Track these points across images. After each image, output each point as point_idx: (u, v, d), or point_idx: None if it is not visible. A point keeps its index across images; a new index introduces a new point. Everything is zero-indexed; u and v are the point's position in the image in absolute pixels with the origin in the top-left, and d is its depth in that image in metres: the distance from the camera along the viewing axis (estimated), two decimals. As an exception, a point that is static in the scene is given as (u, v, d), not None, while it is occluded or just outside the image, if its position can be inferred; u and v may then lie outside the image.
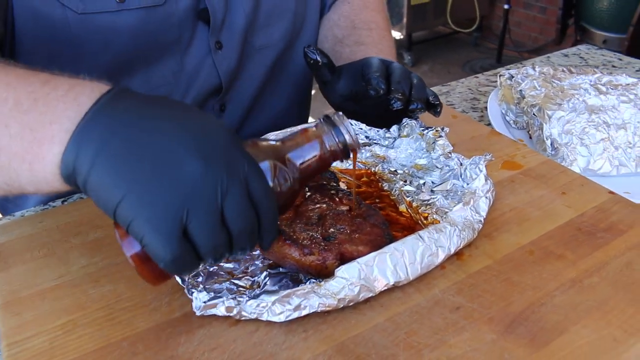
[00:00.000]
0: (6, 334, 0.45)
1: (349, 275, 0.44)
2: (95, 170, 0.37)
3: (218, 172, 0.36)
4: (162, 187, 0.36)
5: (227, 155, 0.37)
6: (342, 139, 0.43)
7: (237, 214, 0.37)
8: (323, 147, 0.43)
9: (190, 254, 0.37)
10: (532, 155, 0.67)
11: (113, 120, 0.38)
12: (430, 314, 0.45)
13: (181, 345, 0.43)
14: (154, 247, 0.36)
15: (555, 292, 0.47)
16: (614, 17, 2.22)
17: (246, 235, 0.38)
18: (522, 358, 0.41)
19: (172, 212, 0.35)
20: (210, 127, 0.38)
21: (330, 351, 0.42)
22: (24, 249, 0.54)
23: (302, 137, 0.43)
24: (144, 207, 0.35)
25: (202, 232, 0.36)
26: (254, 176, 0.38)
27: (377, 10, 0.90)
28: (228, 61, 0.75)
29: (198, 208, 0.36)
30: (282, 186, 0.41)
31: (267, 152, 0.41)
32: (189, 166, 0.36)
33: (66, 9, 0.62)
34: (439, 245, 0.48)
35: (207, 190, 0.36)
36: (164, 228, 0.35)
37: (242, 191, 0.37)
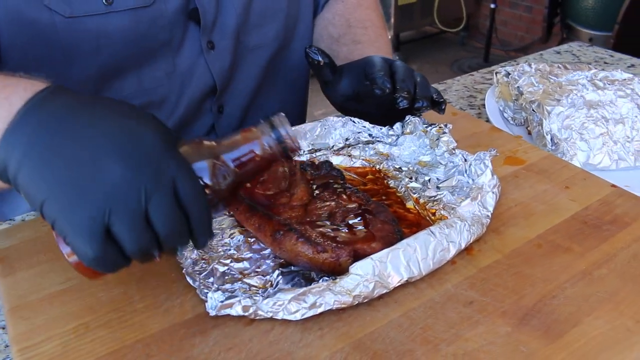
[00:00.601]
0: (16, 338, 0.44)
1: (364, 271, 0.44)
2: (21, 171, 0.38)
3: (141, 176, 0.37)
4: (83, 191, 0.37)
5: (153, 158, 0.38)
6: (281, 141, 0.44)
7: (163, 217, 0.38)
8: (262, 148, 0.43)
9: (115, 253, 0.38)
10: (533, 150, 0.68)
11: (40, 123, 0.39)
12: (444, 308, 0.46)
13: (196, 346, 0.43)
14: (77, 246, 0.38)
15: (565, 285, 0.48)
16: (600, 15, 2.25)
17: (174, 237, 0.39)
18: (537, 350, 0.42)
19: (92, 213, 0.37)
20: (139, 130, 0.39)
21: (347, 348, 0.42)
22: (29, 253, 0.53)
23: (241, 137, 0.44)
24: (65, 209, 0.37)
25: (125, 234, 0.37)
26: (182, 178, 0.38)
27: (372, 8, 0.90)
28: (221, 61, 0.75)
29: (120, 211, 0.37)
30: (220, 184, 0.42)
31: (206, 152, 0.42)
32: (111, 170, 0.37)
33: (53, 13, 0.61)
34: (450, 240, 0.49)
35: (129, 193, 0.37)
36: (85, 229, 0.37)
37: (167, 194, 0.38)
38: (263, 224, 0.49)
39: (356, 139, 0.66)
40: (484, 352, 0.42)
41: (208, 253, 0.50)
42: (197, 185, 0.40)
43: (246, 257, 0.50)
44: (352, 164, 0.64)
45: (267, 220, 0.49)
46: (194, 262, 0.49)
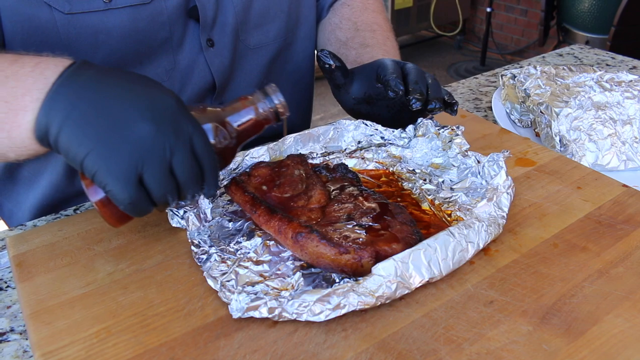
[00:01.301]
0: (39, 343, 0.44)
1: (386, 272, 0.44)
2: (63, 131, 0.44)
3: (167, 133, 0.44)
4: (120, 144, 0.43)
5: (174, 118, 0.45)
6: (273, 105, 0.52)
7: (183, 167, 0.45)
8: (257, 112, 0.52)
9: (145, 198, 0.45)
10: (543, 151, 0.68)
11: (77, 89, 0.45)
12: (465, 308, 0.46)
13: (221, 349, 0.43)
14: (115, 192, 0.44)
15: (584, 283, 0.48)
16: (596, 18, 2.27)
17: (191, 184, 0.46)
18: (560, 348, 0.42)
19: (128, 164, 0.43)
20: (160, 95, 0.46)
21: (372, 349, 0.42)
22: (47, 258, 0.53)
23: (240, 103, 0.52)
24: (106, 160, 0.43)
25: (154, 181, 0.44)
26: (197, 136, 0.46)
27: (378, 11, 0.91)
28: (220, 59, 0.76)
29: (150, 161, 0.44)
30: (222, 143, 0.50)
31: (210, 116, 0.50)
32: (143, 127, 0.44)
33: (53, 9, 0.62)
34: (468, 240, 0.49)
35: (157, 147, 0.44)
36: (122, 177, 0.43)
37: (187, 148, 0.45)
38: (283, 227, 0.49)
39: (368, 141, 0.66)
40: (507, 350, 0.42)
41: (227, 256, 0.50)
42: (209, 141, 0.47)
43: (265, 259, 0.50)
44: (366, 167, 0.64)
45: (288, 223, 0.49)
46: (213, 265, 0.49)
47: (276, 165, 0.59)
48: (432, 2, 3.44)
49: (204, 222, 0.55)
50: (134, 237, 0.56)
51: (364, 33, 0.86)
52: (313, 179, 0.57)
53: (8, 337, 0.51)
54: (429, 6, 3.44)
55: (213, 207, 0.57)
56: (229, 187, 0.57)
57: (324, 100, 3.15)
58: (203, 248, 0.51)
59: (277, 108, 0.53)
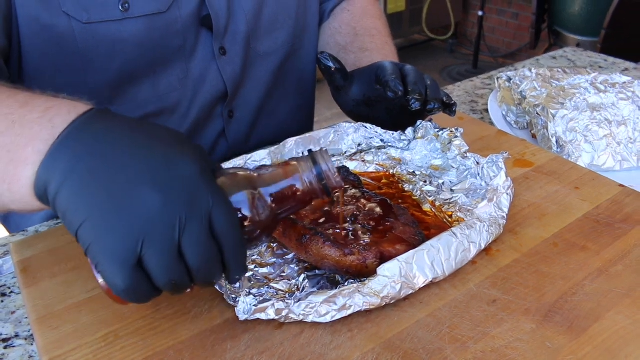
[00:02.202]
0: (46, 348, 0.44)
1: (391, 273, 0.45)
2: (61, 194, 0.37)
3: (177, 207, 0.36)
4: (119, 218, 0.36)
5: (189, 189, 0.37)
6: (322, 177, 0.42)
7: (196, 250, 0.37)
8: (303, 184, 0.42)
9: (145, 283, 0.37)
10: (540, 153, 0.70)
11: (83, 144, 0.38)
12: (469, 307, 0.47)
13: (228, 351, 0.43)
14: (108, 274, 0.37)
15: (584, 282, 0.49)
16: (587, 21, 2.30)
17: (206, 269, 0.38)
18: (563, 345, 0.43)
19: (126, 242, 0.36)
20: (178, 159, 0.38)
21: (378, 349, 0.43)
22: (51, 263, 0.53)
23: (283, 172, 0.42)
24: (100, 234, 0.36)
25: (157, 265, 0.37)
26: (218, 210, 0.38)
27: (377, 17, 0.92)
28: (232, 66, 0.76)
29: (154, 240, 0.36)
30: (260, 216, 0.41)
31: (245, 183, 0.41)
32: (147, 200, 0.36)
33: (71, 19, 0.63)
34: (470, 241, 0.50)
35: (163, 223, 0.36)
36: (117, 257, 0.36)
37: (202, 226, 0.37)
38: (288, 229, 0.50)
39: (368, 144, 0.67)
40: (512, 348, 0.43)
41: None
42: (233, 217, 0.39)
43: (270, 262, 0.51)
44: (367, 169, 0.65)
45: (292, 225, 0.50)
46: (219, 268, 0.50)
47: (278, 169, 0.60)
48: (425, 6, 3.47)
49: (207, 225, 0.55)
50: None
51: (363, 38, 0.87)
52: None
53: (13, 342, 0.51)
54: (421, 10, 3.47)
55: (216, 211, 0.57)
56: (232, 191, 0.57)
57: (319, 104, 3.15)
58: (208, 251, 0.52)
59: (327, 180, 0.42)
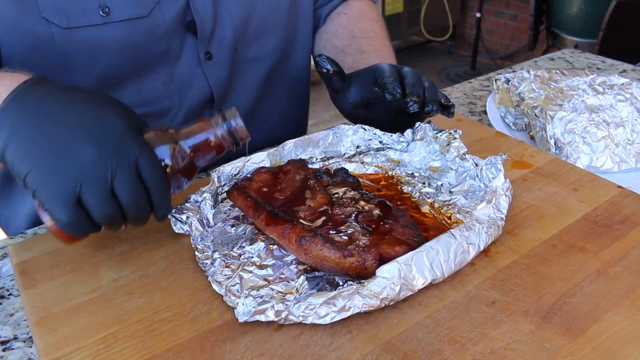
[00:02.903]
0: (46, 350, 0.44)
1: (390, 274, 0.45)
2: (8, 148, 0.45)
3: (108, 156, 0.45)
4: (59, 164, 0.44)
5: (119, 141, 0.45)
6: (231, 131, 0.52)
7: (125, 190, 0.45)
8: (215, 136, 0.51)
9: (85, 219, 0.45)
10: (539, 154, 0.70)
11: (25, 106, 0.46)
12: (468, 309, 0.47)
13: (228, 353, 0.43)
14: (52, 211, 0.45)
15: (583, 283, 0.49)
16: (584, 23, 2.31)
17: (136, 207, 0.46)
18: (562, 346, 0.43)
19: (66, 183, 0.44)
20: (109, 117, 0.46)
21: (377, 350, 0.43)
22: (50, 265, 0.53)
23: (198, 126, 0.52)
24: (44, 179, 0.44)
25: (93, 202, 0.45)
26: (143, 158, 0.46)
27: (374, 19, 0.92)
28: (218, 71, 0.76)
29: (90, 183, 0.44)
30: (179, 164, 0.50)
31: (167, 138, 0.50)
32: (84, 148, 0.44)
33: (50, 24, 0.63)
34: (469, 242, 0.50)
35: (97, 169, 0.44)
36: (59, 196, 0.44)
37: (129, 171, 0.45)
38: (287, 231, 0.50)
39: (367, 146, 0.67)
40: (511, 349, 0.43)
41: (231, 261, 0.51)
42: (156, 164, 0.47)
43: (269, 264, 0.51)
44: (365, 171, 0.65)
45: (292, 227, 0.50)
46: (218, 270, 0.50)
47: (277, 171, 0.60)
48: (422, 8, 3.48)
49: (206, 227, 0.55)
50: (137, 243, 0.56)
51: (361, 40, 0.87)
52: (314, 183, 0.58)
53: (12, 345, 0.51)
54: (419, 12, 3.48)
55: (215, 213, 0.57)
56: (231, 193, 0.57)
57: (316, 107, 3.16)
58: (207, 253, 0.52)
59: (236, 132, 0.52)
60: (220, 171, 0.60)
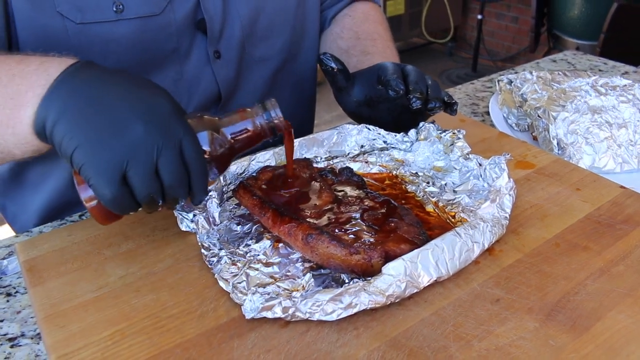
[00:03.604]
0: (54, 346, 0.44)
1: (396, 272, 0.45)
2: (58, 125, 0.46)
3: (156, 135, 0.45)
4: (108, 141, 0.45)
5: (166, 122, 0.46)
6: (270, 120, 0.53)
7: (169, 170, 0.46)
8: (254, 125, 0.52)
9: (128, 196, 0.46)
10: (542, 154, 0.70)
11: (75, 86, 0.47)
12: (473, 306, 0.47)
13: (235, 349, 0.43)
14: (98, 186, 0.45)
15: (586, 281, 0.50)
16: (586, 25, 2.31)
17: (176, 188, 0.47)
18: (566, 343, 0.43)
19: (113, 160, 0.44)
20: (157, 99, 0.47)
21: (383, 347, 0.43)
22: (57, 263, 0.54)
23: (238, 115, 0.53)
24: (92, 155, 0.45)
25: (138, 180, 0.45)
26: (187, 141, 0.47)
27: (379, 21, 0.93)
28: (226, 70, 0.77)
29: (136, 161, 0.45)
30: (216, 151, 0.51)
31: (206, 124, 0.51)
32: (133, 127, 0.45)
33: (65, 19, 0.63)
34: (474, 240, 0.50)
35: (144, 148, 0.45)
36: (106, 172, 0.44)
37: (174, 152, 0.46)
38: (293, 229, 0.50)
39: (371, 145, 0.68)
40: (515, 346, 0.43)
41: (237, 259, 0.51)
42: (199, 147, 0.48)
43: (275, 261, 0.51)
44: (370, 170, 0.66)
45: (298, 225, 0.50)
46: (224, 267, 0.50)
47: (282, 169, 0.60)
48: (424, 10, 3.49)
49: (212, 225, 0.56)
50: (143, 241, 0.56)
51: (365, 42, 0.87)
52: (319, 182, 0.58)
53: (19, 341, 0.51)
54: (421, 13, 3.49)
55: (221, 211, 0.58)
56: (236, 191, 0.58)
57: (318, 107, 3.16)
58: (213, 251, 0.52)
59: (274, 123, 0.53)
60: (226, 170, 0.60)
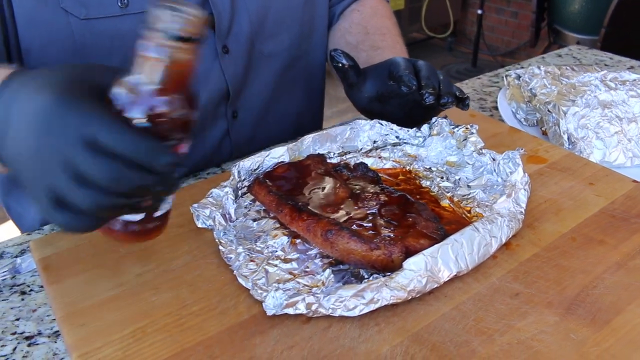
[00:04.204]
0: (75, 345, 0.44)
1: (417, 267, 0.45)
2: None
3: (50, 145, 0.38)
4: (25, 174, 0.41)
5: (61, 121, 0.38)
6: (178, 37, 0.38)
7: (92, 173, 0.38)
8: (168, 56, 0.39)
9: (76, 216, 0.39)
10: (553, 149, 0.70)
11: None
12: (493, 301, 0.47)
13: (258, 346, 0.44)
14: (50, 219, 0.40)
15: (604, 275, 0.50)
16: (586, 20, 2.31)
17: (122, 181, 0.38)
18: (587, 337, 0.44)
19: (37, 192, 0.40)
20: (56, 107, 0.39)
21: (406, 342, 0.43)
22: (73, 261, 0.53)
23: (142, 59, 0.40)
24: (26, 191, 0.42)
25: (70, 198, 0.39)
26: (101, 132, 0.38)
27: (387, 16, 0.93)
28: (234, 66, 0.77)
29: (54, 182, 0.39)
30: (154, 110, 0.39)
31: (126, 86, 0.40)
32: (35, 153, 0.39)
33: (69, 15, 0.63)
34: (492, 235, 0.50)
35: (52, 166, 0.38)
36: (42, 204, 0.40)
37: (84, 151, 0.38)
38: (312, 225, 0.50)
39: (384, 141, 0.67)
40: (537, 340, 0.43)
41: (256, 255, 0.51)
42: (121, 130, 0.38)
43: (293, 257, 0.51)
44: (383, 166, 0.65)
45: (317, 221, 0.50)
46: (242, 264, 0.50)
47: (297, 165, 0.60)
48: (424, 5, 3.48)
49: (229, 222, 0.55)
50: (158, 238, 0.55)
51: (374, 36, 0.87)
52: (335, 178, 0.58)
53: (37, 340, 0.51)
54: (420, 8, 3.48)
55: (236, 208, 0.58)
56: (252, 187, 0.58)
57: (318, 103, 3.17)
58: (231, 248, 0.52)
59: (186, 35, 0.38)
60: (240, 166, 0.60)
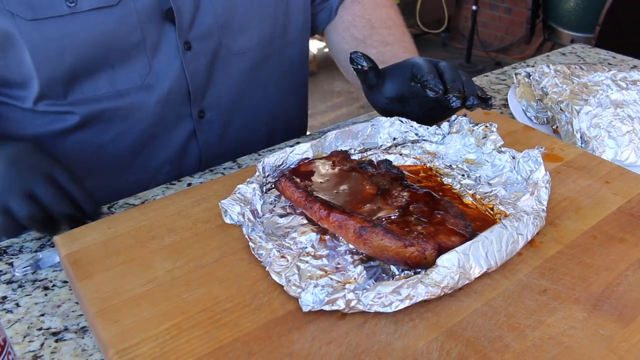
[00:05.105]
0: (111, 341, 0.44)
1: (450, 264, 0.46)
2: None
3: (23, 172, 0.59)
4: None
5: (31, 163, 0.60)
6: None
7: (42, 193, 0.58)
8: None
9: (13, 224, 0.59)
10: (568, 148, 0.71)
11: None
12: (522, 297, 0.48)
13: (295, 342, 0.44)
14: None
15: (627, 272, 0.51)
16: (581, 17, 2.34)
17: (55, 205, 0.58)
18: (616, 332, 0.45)
19: None
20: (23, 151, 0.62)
21: (441, 337, 0.44)
22: (101, 256, 0.53)
23: None
24: None
25: (15, 207, 0.57)
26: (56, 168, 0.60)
27: (389, 6, 0.91)
28: (196, 63, 0.74)
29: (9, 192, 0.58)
30: None
31: None
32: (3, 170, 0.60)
33: (15, 17, 0.62)
34: (519, 232, 0.51)
35: (16, 181, 0.58)
36: None
37: (45, 178, 0.58)
38: (345, 222, 0.50)
39: (403, 138, 0.68)
40: (568, 335, 0.44)
41: (286, 251, 0.52)
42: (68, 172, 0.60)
43: (323, 254, 0.52)
44: (404, 162, 0.66)
45: (349, 217, 0.50)
46: (274, 260, 0.50)
47: (322, 161, 0.60)
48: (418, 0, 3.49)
49: (257, 218, 0.56)
50: (186, 234, 0.56)
51: (381, 30, 0.87)
52: (360, 174, 0.59)
53: (64, 336, 0.51)
54: (415, 3, 3.49)
55: (262, 204, 0.58)
56: (279, 183, 0.58)
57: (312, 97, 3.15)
58: (261, 244, 0.52)
59: None
60: (265, 162, 0.60)
